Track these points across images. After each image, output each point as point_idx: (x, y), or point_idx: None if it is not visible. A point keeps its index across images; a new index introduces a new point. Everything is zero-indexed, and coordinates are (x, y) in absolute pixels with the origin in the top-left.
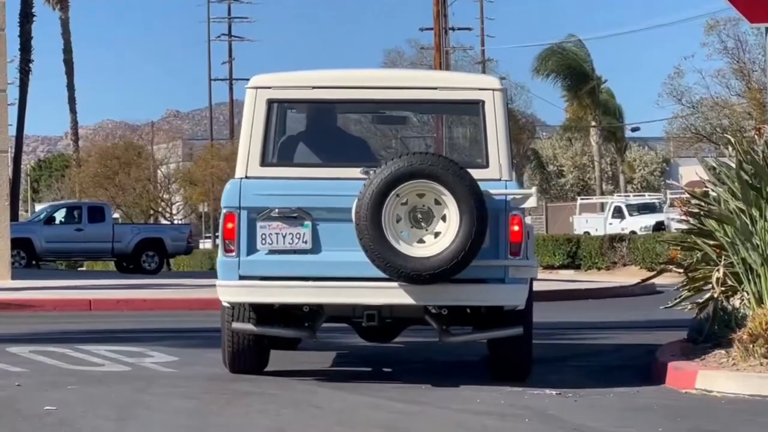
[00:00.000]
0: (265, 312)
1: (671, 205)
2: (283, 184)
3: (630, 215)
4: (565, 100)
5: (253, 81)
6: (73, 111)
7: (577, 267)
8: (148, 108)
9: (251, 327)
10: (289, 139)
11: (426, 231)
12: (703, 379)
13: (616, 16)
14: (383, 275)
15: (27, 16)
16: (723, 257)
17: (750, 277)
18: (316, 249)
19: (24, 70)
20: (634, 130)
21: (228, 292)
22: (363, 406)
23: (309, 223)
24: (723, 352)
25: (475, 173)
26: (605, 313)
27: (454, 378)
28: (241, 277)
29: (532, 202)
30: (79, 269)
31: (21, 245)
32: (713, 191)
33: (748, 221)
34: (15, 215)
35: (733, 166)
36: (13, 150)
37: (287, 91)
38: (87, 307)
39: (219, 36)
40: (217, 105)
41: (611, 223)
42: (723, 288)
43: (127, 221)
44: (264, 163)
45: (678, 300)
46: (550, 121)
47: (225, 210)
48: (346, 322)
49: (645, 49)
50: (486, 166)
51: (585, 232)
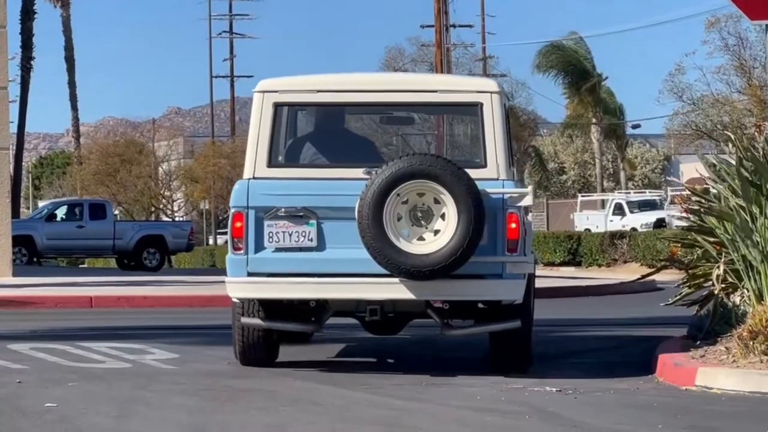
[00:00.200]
0: (273, 307)
1: (672, 202)
2: (290, 184)
3: (631, 212)
4: (566, 97)
5: (260, 85)
6: (75, 108)
7: (578, 264)
8: (149, 105)
9: (260, 321)
10: (295, 141)
11: (426, 229)
12: (703, 376)
13: (617, 12)
14: (385, 271)
15: (28, 13)
16: (723, 254)
17: (750, 274)
18: (321, 246)
19: (25, 67)
20: (634, 127)
21: (237, 288)
22: (363, 402)
23: (314, 222)
24: (723, 349)
25: (474, 173)
26: (605, 310)
27: (454, 374)
28: (250, 274)
29: (528, 200)
30: (81, 266)
31: (22, 242)
32: (713, 188)
33: (748, 218)
34: (16, 212)
35: (734, 163)
36: (15, 147)
37: (293, 95)
38: (88, 304)
39: (220, 33)
40: (219, 102)
41: (612, 220)
42: (723, 285)
43: (129, 218)
44: (271, 164)
45: (678, 297)
46: (550, 119)
47: (233, 209)
48: (351, 316)
49: (646, 46)
50: (484, 165)
51: (586, 229)
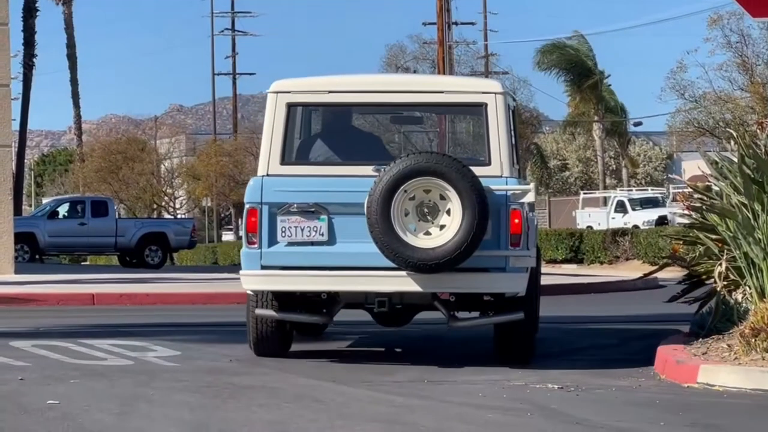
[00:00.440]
0: (286, 299)
1: (674, 200)
2: (302, 181)
3: (633, 209)
4: (568, 94)
5: (274, 86)
6: (77, 106)
7: (580, 261)
8: (151, 103)
9: (273, 313)
10: (307, 140)
11: (432, 224)
12: (705, 373)
13: (618, 10)
14: (393, 265)
15: (30, 10)
16: (725, 251)
17: (752, 272)
18: (331, 241)
19: (27, 65)
20: (636, 124)
21: (251, 280)
22: (365, 399)
23: (325, 217)
24: (725, 346)
25: (478, 170)
26: (607, 307)
27: (455, 371)
28: (263, 267)
29: (530, 197)
30: (83, 263)
31: (24, 240)
32: (715, 186)
33: (750, 216)
34: (18, 210)
35: (736, 160)
36: (17, 145)
37: (305, 96)
38: (90, 302)
39: (222, 30)
40: (221, 99)
41: (614, 218)
42: (725, 282)
43: (131, 215)
44: (284, 162)
45: (680, 294)
46: (552, 116)
47: (248, 205)
48: (360, 308)
49: (648, 44)
50: (488, 163)
51: (588, 226)
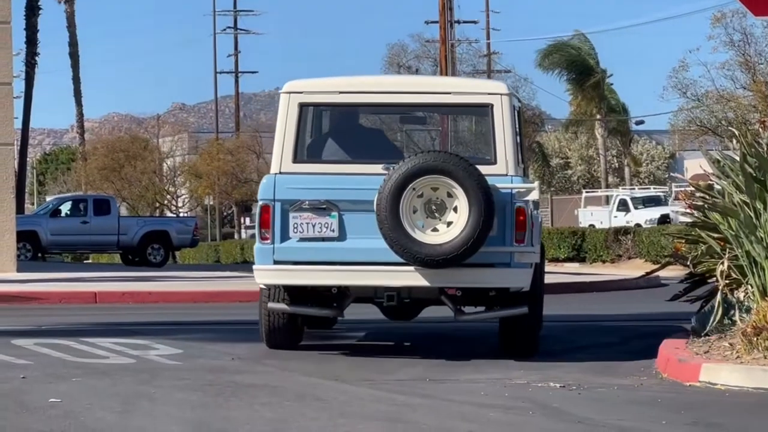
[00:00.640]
0: (297, 293)
1: (676, 198)
2: (313, 178)
3: (635, 208)
4: (570, 93)
5: (287, 87)
6: (79, 104)
7: (582, 260)
8: (153, 101)
9: (285, 306)
10: (319, 139)
11: (439, 221)
12: (707, 372)
13: (621, 8)
14: (401, 260)
15: (33, 9)
16: (727, 250)
17: (754, 270)
18: (342, 237)
19: (30, 63)
20: (638, 123)
21: (264, 275)
22: (367, 398)
23: (336, 214)
24: (727, 344)
25: (484, 169)
26: (609, 306)
27: (457, 370)
28: (276, 262)
29: (534, 195)
30: (85, 262)
31: (27, 238)
32: (718, 184)
33: (752, 214)
34: (21, 208)
35: (738, 159)
36: (19, 143)
37: (317, 96)
38: (92, 300)
39: (225, 29)
40: (223, 98)
41: (616, 216)
42: (727, 281)
43: (132, 214)
44: (296, 160)
45: (682, 293)
46: (555, 114)
47: (261, 202)
48: (369, 302)
49: (650, 42)
50: (494, 162)
51: (590, 225)
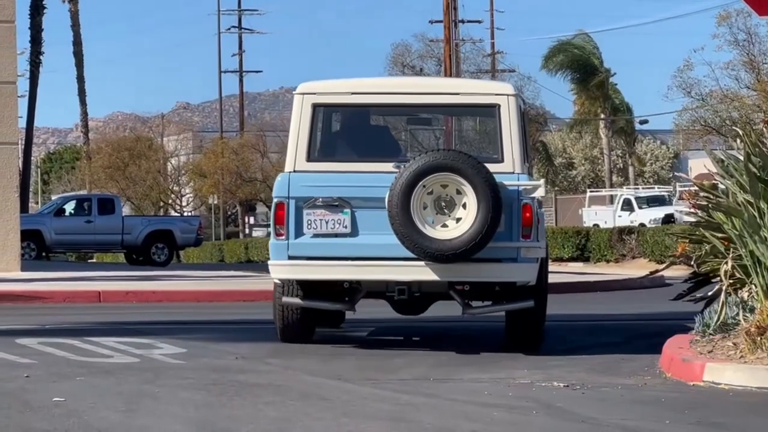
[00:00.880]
0: (311, 288)
1: (680, 198)
2: (326, 176)
3: (639, 208)
4: (574, 93)
5: (300, 88)
6: (84, 103)
7: (586, 259)
8: (158, 100)
9: (298, 301)
10: (331, 138)
11: (449, 217)
12: (711, 372)
13: (626, 7)
14: (412, 255)
15: (37, 8)
16: (731, 250)
17: (758, 270)
18: (354, 233)
19: (34, 62)
20: (642, 123)
21: (279, 270)
22: (370, 397)
23: (348, 211)
24: (731, 344)
25: (492, 167)
26: (613, 306)
27: (461, 369)
28: (290, 258)
29: (540, 191)
30: (89, 261)
31: (31, 237)
32: (722, 184)
33: (756, 214)
34: (25, 207)
35: (742, 158)
36: (23, 142)
37: (330, 97)
38: (96, 299)
39: (229, 28)
40: (227, 97)
41: (620, 216)
42: (731, 281)
43: (137, 213)
44: (309, 159)
45: (686, 292)
46: (559, 114)
47: (276, 199)
48: (380, 296)
49: (655, 42)
50: (501, 160)
51: (594, 224)
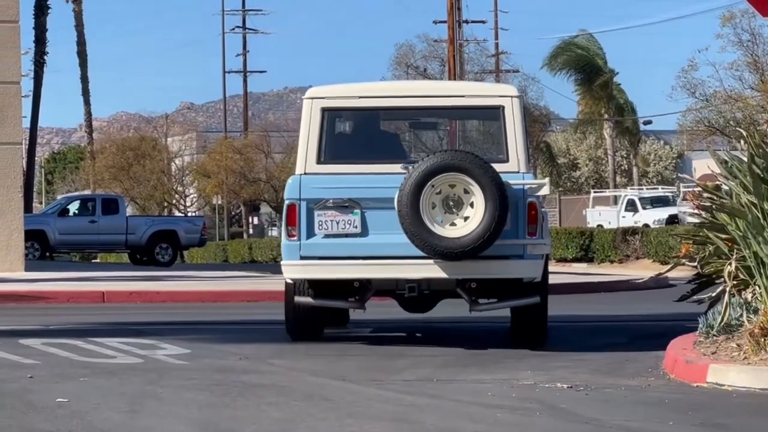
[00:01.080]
0: (321, 287)
1: (684, 199)
2: (336, 178)
3: (643, 208)
4: (578, 93)
5: (310, 92)
6: (88, 103)
7: (590, 260)
8: (162, 100)
9: (310, 300)
10: (340, 141)
11: (457, 215)
12: (715, 373)
13: (630, 7)
14: (421, 253)
15: (41, 8)
16: (735, 251)
17: (762, 271)
18: (364, 233)
19: (38, 62)
20: (646, 123)
21: (291, 270)
22: (374, 398)
23: (358, 211)
24: (734, 345)
25: (498, 167)
26: (617, 307)
27: (464, 370)
28: (302, 258)
29: (545, 190)
30: (93, 261)
31: (35, 237)
32: (725, 185)
33: (759, 215)
34: (29, 207)
35: (745, 159)
36: (27, 142)
37: (338, 101)
38: (100, 299)
39: (233, 28)
40: (231, 97)
41: (624, 216)
42: (735, 282)
43: (141, 213)
44: (320, 161)
45: (690, 294)
46: (563, 114)
47: (287, 201)
48: (390, 295)
49: (659, 42)
50: (506, 160)
51: (598, 225)
